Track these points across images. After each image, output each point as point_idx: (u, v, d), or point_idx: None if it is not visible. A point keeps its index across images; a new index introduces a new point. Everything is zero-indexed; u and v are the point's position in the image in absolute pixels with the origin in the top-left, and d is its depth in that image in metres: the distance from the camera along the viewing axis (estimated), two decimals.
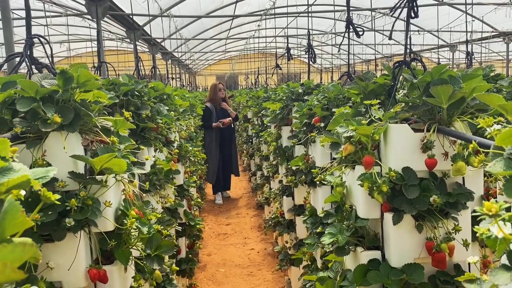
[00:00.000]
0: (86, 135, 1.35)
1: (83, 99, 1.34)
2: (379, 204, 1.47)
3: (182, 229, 3.33)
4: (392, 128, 1.40)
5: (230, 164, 7.07)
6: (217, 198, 7.06)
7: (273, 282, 4.07)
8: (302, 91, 3.28)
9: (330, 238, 1.57)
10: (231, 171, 7.20)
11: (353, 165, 1.55)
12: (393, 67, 1.58)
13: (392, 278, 1.42)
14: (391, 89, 1.59)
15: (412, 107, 1.46)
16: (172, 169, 2.62)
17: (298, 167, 2.65)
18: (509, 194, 0.67)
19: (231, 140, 7.07)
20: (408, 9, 1.56)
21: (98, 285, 1.40)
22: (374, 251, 1.53)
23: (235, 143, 7.51)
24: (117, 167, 1.31)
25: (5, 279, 0.42)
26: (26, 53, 1.43)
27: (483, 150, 1.02)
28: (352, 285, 1.50)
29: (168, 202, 2.56)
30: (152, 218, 1.52)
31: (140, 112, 2.19)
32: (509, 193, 0.67)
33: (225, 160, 6.93)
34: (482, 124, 0.85)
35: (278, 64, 5.39)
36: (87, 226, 1.33)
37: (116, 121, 1.48)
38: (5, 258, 0.43)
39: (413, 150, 1.40)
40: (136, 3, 5.90)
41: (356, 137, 1.44)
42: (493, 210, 0.60)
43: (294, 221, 3.40)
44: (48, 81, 1.27)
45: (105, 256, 1.44)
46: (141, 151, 1.92)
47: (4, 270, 0.42)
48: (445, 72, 1.42)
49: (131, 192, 1.48)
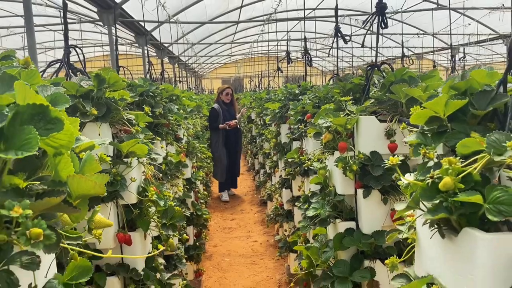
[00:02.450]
0: (114, 125, 1.68)
1: (112, 97, 1.67)
2: (352, 182, 1.79)
3: (190, 219, 3.65)
4: (361, 119, 1.72)
5: (235, 165, 7.30)
6: (223, 195, 7.33)
7: (274, 269, 4.38)
8: (298, 92, 3.60)
9: (314, 211, 1.89)
10: (237, 171, 7.46)
11: (332, 152, 1.88)
12: (366, 69, 1.90)
13: (363, 241, 1.74)
14: (365, 88, 1.90)
15: (379, 102, 1.78)
16: (181, 161, 2.94)
17: (293, 159, 2.97)
18: (415, 155, 0.99)
19: (237, 142, 7.26)
20: (378, 22, 1.88)
21: (123, 247, 1.72)
22: (350, 222, 1.85)
23: (241, 145, 7.70)
24: (139, 151, 1.63)
25: (96, 191, 0.75)
26: (65, 60, 1.76)
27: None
28: (331, 250, 1.82)
29: (178, 190, 2.89)
30: (167, 194, 1.84)
31: (154, 110, 2.52)
32: (415, 154, 0.99)
33: (231, 160, 7.15)
34: (412, 110, 1.16)
35: (279, 67, 5.71)
36: (116, 198, 1.66)
37: (138, 115, 1.81)
38: (95, 180, 0.76)
39: (379, 137, 1.71)
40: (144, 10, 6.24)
41: (333, 126, 1.76)
42: (394, 161, 0.92)
43: (292, 211, 3.72)
44: (85, 82, 1.60)
45: (129, 225, 1.77)
46: (156, 142, 2.24)
47: (95, 186, 0.75)
48: (406, 74, 1.73)
49: (150, 173, 1.81)
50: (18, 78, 0.86)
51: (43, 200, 0.69)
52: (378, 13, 1.87)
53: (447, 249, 0.93)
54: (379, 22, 1.88)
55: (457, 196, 0.82)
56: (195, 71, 17.05)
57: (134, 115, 1.78)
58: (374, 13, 1.86)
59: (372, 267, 1.76)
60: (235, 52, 16.76)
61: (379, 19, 1.88)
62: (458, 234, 0.89)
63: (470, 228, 0.86)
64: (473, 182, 0.84)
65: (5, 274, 0.70)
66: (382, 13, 1.88)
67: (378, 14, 1.87)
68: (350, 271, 1.76)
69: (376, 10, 1.87)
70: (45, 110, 0.74)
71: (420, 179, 0.92)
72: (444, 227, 0.93)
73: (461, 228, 0.88)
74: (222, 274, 4.37)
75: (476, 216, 0.85)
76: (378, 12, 1.87)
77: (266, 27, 9.22)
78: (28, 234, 0.64)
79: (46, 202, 0.69)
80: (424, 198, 0.88)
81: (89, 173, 0.84)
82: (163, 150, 2.57)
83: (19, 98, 0.75)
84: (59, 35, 10.23)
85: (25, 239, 0.64)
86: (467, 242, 0.87)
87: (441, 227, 0.92)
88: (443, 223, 0.92)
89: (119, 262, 1.74)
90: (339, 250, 1.81)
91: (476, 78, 1.01)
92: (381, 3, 1.85)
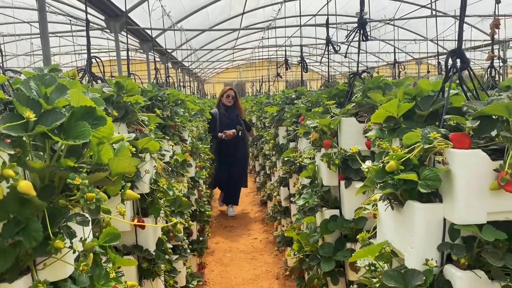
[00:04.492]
0: (130, 125, 1.96)
1: (128, 101, 1.95)
2: (336, 175, 2.06)
3: (194, 215, 3.93)
4: (343, 120, 1.99)
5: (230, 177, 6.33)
6: (229, 210, 6.64)
7: (273, 264, 4.64)
8: (295, 96, 3.88)
9: (303, 201, 2.16)
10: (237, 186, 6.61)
11: (319, 149, 2.15)
12: (348, 76, 2.17)
13: (345, 226, 2.01)
14: (348, 93, 2.18)
15: (359, 106, 2.05)
16: (186, 160, 3.22)
17: (289, 158, 3.24)
18: (373, 146, 1.26)
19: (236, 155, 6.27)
20: (359, 35, 2.15)
21: (138, 230, 2.00)
22: (334, 209, 2.12)
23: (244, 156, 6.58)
24: (152, 147, 1.91)
25: (130, 170, 1.02)
26: (87, 69, 2.05)
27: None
28: (318, 234, 2.09)
29: (183, 186, 3.16)
30: (175, 185, 2.11)
31: (162, 113, 2.80)
32: (373, 146, 1.26)
33: (230, 173, 6.30)
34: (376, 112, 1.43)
35: (278, 73, 5.99)
36: (132, 188, 1.93)
37: (150, 117, 2.09)
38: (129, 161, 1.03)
39: (358, 135, 1.98)
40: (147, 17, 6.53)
41: (319, 127, 2.04)
42: (353, 150, 1.19)
43: (289, 207, 3.99)
44: (106, 88, 1.88)
45: (142, 212, 2.04)
46: (164, 141, 2.52)
47: (129, 165, 1.02)
48: (382, 81, 2.01)
49: (160, 167, 2.09)
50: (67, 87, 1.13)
51: (94, 175, 0.96)
52: (359, 28, 2.15)
53: (396, 219, 1.20)
54: (360, 35, 2.15)
55: (399, 175, 1.10)
56: (197, 75, 17.37)
57: (147, 117, 2.06)
58: (355, 28, 2.13)
59: (353, 249, 2.02)
60: (237, 57, 17.07)
61: (360, 33, 2.16)
62: (403, 206, 1.16)
63: (411, 200, 1.13)
64: (412, 165, 1.11)
65: (66, 228, 0.97)
66: (363, 27, 2.15)
67: (359, 28, 2.15)
68: (334, 252, 2.03)
69: (358, 25, 2.14)
70: (93, 110, 1.02)
71: (375, 165, 1.19)
72: (394, 202, 1.20)
73: (405, 201, 1.15)
74: (224, 268, 4.64)
75: (415, 191, 1.12)
76: (359, 27, 2.14)
77: (266, 34, 9.52)
78: (85, 196, 0.92)
79: (96, 176, 0.96)
80: (377, 178, 1.15)
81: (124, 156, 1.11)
82: (170, 149, 2.85)
83: (74, 101, 1.03)
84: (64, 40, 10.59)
85: (83, 200, 0.91)
86: (409, 211, 1.14)
87: (391, 201, 1.19)
88: (393, 198, 1.19)
89: (134, 244, 2.01)
90: (325, 234, 2.08)
91: (422, 86, 1.29)
92: (362, 19, 2.12)
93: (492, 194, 1.02)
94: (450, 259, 1.11)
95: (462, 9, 1.12)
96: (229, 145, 6.14)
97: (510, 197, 1.01)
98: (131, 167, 1.03)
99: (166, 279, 2.10)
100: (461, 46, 1.19)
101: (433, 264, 1.08)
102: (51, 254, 0.92)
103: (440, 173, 1.06)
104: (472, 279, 1.03)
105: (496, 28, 3.14)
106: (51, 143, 1.05)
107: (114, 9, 5.38)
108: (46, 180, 1.02)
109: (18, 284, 0.93)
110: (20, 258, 0.95)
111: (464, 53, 1.20)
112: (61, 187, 1.02)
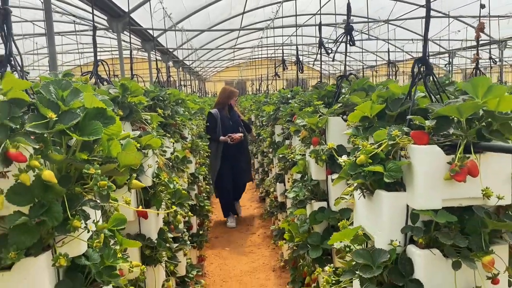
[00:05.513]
0: (134, 124, 2.13)
1: (133, 101, 2.12)
2: (324, 170, 2.23)
3: (194, 209, 4.10)
4: (330, 119, 2.16)
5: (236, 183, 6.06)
6: (228, 220, 6.10)
7: (270, 257, 4.82)
8: (291, 96, 4.05)
9: (294, 194, 2.33)
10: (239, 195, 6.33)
11: (309, 145, 2.32)
12: (336, 79, 2.34)
13: (331, 216, 2.18)
14: (335, 94, 2.35)
15: (346, 106, 2.22)
16: (186, 157, 3.39)
17: (283, 154, 3.41)
18: (348, 143, 1.43)
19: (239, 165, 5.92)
20: (346, 40, 2.32)
21: (141, 220, 2.17)
22: (322, 202, 2.29)
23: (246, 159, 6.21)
24: (155, 144, 2.08)
25: (136, 162, 1.19)
26: (94, 71, 2.22)
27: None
28: (307, 224, 2.27)
29: (183, 181, 3.33)
30: (175, 179, 2.28)
31: (163, 112, 2.97)
32: (348, 142, 1.43)
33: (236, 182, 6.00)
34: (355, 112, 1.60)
35: (276, 72, 6.15)
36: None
37: (152, 116, 2.26)
38: (135, 155, 1.20)
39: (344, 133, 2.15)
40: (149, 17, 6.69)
41: (308, 125, 2.21)
42: (330, 145, 1.36)
43: (285, 202, 4.16)
44: (112, 90, 2.05)
45: (145, 204, 2.22)
46: (165, 139, 2.69)
47: (135, 158, 1.19)
48: (366, 83, 2.18)
49: (161, 162, 2.26)
50: (81, 90, 1.30)
51: (105, 165, 1.13)
52: (346, 33, 2.31)
53: (368, 206, 1.37)
54: (347, 40, 2.32)
55: (368, 167, 1.27)
56: (198, 74, 17.54)
57: (150, 116, 2.23)
58: (343, 33, 2.30)
59: None
60: (237, 56, 17.23)
61: (347, 38, 2.32)
62: (373, 195, 1.34)
63: (379, 189, 1.30)
64: (379, 159, 1.28)
65: (81, 211, 1.14)
66: (349, 33, 2.32)
67: (346, 34, 2.31)
68: (321, 240, 2.20)
69: (345, 31, 2.31)
70: (104, 111, 1.19)
71: (350, 159, 1.36)
72: (366, 191, 1.37)
73: (375, 190, 1.32)
74: (223, 261, 4.82)
75: (382, 181, 1.29)
76: (346, 32, 2.31)
77: (266, 33, 9.68)
78: (98, 184, 1.09)
79: (107, 167, 1.14)
80: (350, 170, 1.32)
81: (131, 151, 1.28)
82: (171, 146, 3.02)
83: (87, 103, 1.20)
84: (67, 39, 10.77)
85: (97, 187, 1.09)
86: (377, 199, 1.31)
87: (363, 191, 1.36)
88: (365, 188, 1.36)
89: (137, 232, 2.18)
90: (313, 224, 2.25)
91: (393, 89, 1.46)
92: (348, 25, 2.29)
93: (446, 184, 1.19)
94: (413, 241, 1.28)
95: (426, 28, 1.29)
96: (232, 150, 5.70)
97: (461, 186, 1.18)
98: (136, 160, 1.21)
99: (167, 266, 2.28)
100: (425, 55, 1.35)
101: (397, 244, 1.25)
102: (70, 232, 1.09)
103: (403, 165, 1.23)
104: (428, 256, 1.20)
105: (480, 32, 3.30)
106: (67, 139, 1.22)
107: (116, 9, 5.55)
108: (63, 171, 1.19)
109: (41, 258, 1.11)
110: (43, 237, 1.12)
111: (428, 61, 1.37)
112: (75, 176, 1.19)
